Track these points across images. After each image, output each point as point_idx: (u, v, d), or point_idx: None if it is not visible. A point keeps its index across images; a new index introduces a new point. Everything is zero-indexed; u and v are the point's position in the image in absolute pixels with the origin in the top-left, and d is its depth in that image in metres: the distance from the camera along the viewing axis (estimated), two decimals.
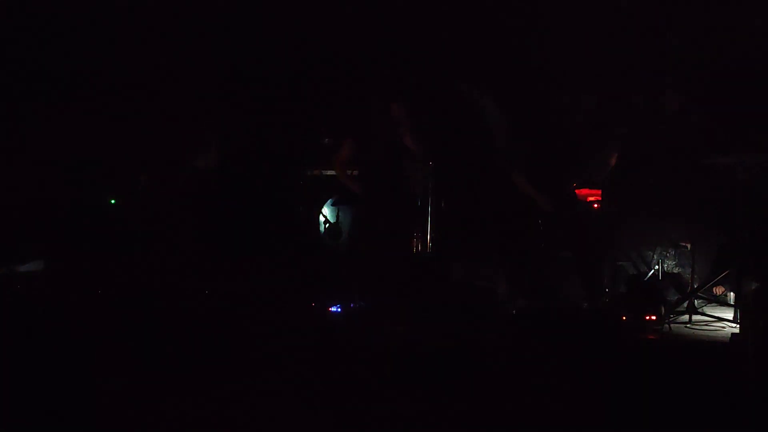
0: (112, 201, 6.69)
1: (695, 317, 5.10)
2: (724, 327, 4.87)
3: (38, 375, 3.91)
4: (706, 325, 4.96)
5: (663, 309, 4.81)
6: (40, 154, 6.83)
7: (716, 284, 5.53)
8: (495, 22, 6.09)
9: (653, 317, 4.69)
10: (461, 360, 4.29)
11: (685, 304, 5.15)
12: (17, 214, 6.52)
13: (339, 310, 5.06)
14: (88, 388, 3.81)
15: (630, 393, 4.06)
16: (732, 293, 5.50)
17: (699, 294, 5.27)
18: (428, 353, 4.30)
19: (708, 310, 5.29)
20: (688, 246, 5.83)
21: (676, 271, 6.22)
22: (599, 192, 6.19)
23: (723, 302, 5.55)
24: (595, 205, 6.19)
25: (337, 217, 6.85)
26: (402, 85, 6.32)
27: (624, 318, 4.61)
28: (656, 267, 5.83)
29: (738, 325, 4.70)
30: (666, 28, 5.02)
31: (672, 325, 4.74)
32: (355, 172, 5.60)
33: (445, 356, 4.32)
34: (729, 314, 5.11)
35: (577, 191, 5.37)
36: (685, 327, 4.88)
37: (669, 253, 6.23)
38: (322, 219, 6.95)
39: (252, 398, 3.49)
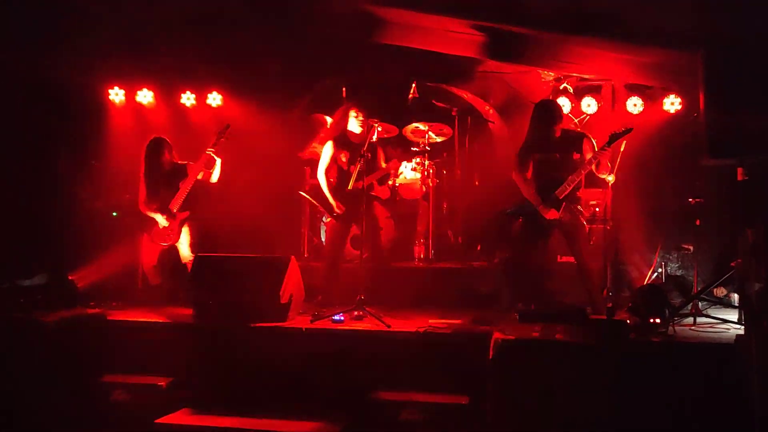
0: (114, 213, 6.71)
1: (699, 319, 5.09)
2: (728, 329, 4.85)
3: None
4: (710, 327, 4.94)
5: (667, 312, 4.78)
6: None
7: (718, 286, 5.51)
8: None
9: (657, 320, 4.67)
10: None
11: (689, 307, 5.14)
12: (21, 229, 6.55)
13: (341, 318, 5.04)
14: None
15: (635, 395, 4.05)
16: (736, 295, 5.48)
17: (703, 296, 5.25)
18: None
19: (712, 312, 5.27)
20: (691, 248, 5.81)
21: (679, 273, 6.20)
22: (601, 195, 6.20)
23: (727, 304, 5.53)
24: (597, 209, 6.19)
25: None
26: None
27: (628, 321, 4.59)
28: (659, 270, 5.82)
29: (743, 327, 4.68)
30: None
31: (676, 327, 4.72)
32: None
33: None
34: (733, 316, 5.09)
35: (578, 194, 5.36)
36: (690, 329, 4.86)
37: (671, 255, 6.22)
38: (323, 228, 6.95)
39: None
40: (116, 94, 7.32)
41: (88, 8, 6.23)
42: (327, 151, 5.90)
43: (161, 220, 5.85)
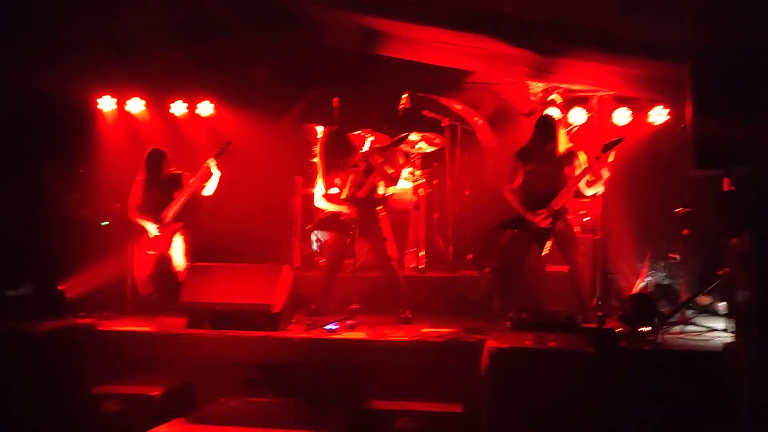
0: (103, 223, 6.67)
1: (687, 327, 5.16)
2: (715, 337, 4.93)
3: None
4: (698, 335, 5.02)
5: (656, 320, 4.85)
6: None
7: (704, 294, 5.59)
8: None
9: (646, 328, 4.73)
10: None
11: (677, 315, 5.21)
12: (7, 238, 6.49)
13: (336, 327, 5.05)
14: None
15: (626, 401, 4.10)
16: (721, 304, 5.56)
17: (690, 305, 5.33)
18: None
19: (699, 320, 5.35)
20: (678, 257, 5.89)
21: (666, 282, 6.28)
22: (591, 205, 6.27)
23: (713, 312, 5.61)
24: (586, 219, 6.26)
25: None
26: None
27: (618, 330, 4.64)
28: (648, 279, 5.89)
29: (729, 335, 4.75)
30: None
31: (665, 335, 4.79)
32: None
33: None
34: (721, 324, 5.17)
35: (568, 204, 5.43)
36: (678, 337, 4.93)
37: (659, 264, 6.30)
38: (314, 237, 6.96)
39: None
40: (106, 103, 7.29)
41: (77, 17, 6.23)
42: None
43: (151, 228, 5.84)
